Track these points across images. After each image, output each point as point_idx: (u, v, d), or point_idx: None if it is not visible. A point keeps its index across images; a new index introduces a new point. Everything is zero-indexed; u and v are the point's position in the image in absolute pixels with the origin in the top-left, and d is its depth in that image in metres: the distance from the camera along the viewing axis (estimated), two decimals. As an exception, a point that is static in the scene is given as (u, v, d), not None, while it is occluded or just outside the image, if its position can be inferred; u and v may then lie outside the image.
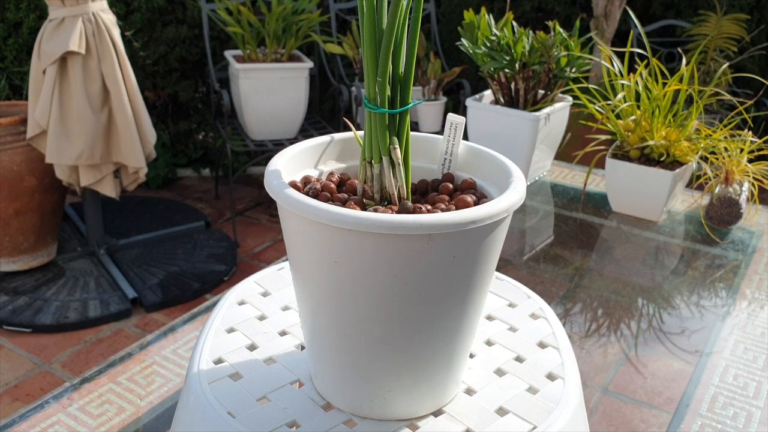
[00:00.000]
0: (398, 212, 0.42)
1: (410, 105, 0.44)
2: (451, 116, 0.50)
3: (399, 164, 0.44)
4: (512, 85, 1.17)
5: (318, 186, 0.45)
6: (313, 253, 0.41)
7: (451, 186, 0.48)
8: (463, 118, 0.50)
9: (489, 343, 0.54)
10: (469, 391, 0.49)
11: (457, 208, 0.43)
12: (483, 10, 1.17)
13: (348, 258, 0.39)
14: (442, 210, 0.42)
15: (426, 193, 0.49)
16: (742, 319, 0.85)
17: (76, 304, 1.94)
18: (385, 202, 0.45)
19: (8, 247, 2.02)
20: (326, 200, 0.43)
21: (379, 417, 0.46)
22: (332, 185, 0.46)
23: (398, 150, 0.44)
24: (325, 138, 0.50)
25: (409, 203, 0.43)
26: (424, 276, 0.40)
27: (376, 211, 0.42)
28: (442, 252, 0.39)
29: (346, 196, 0.45)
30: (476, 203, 0.44)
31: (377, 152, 0.44)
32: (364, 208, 0.43)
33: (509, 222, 0.43)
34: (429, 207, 0.43)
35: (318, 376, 0.48)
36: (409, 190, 0.46)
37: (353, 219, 0.37)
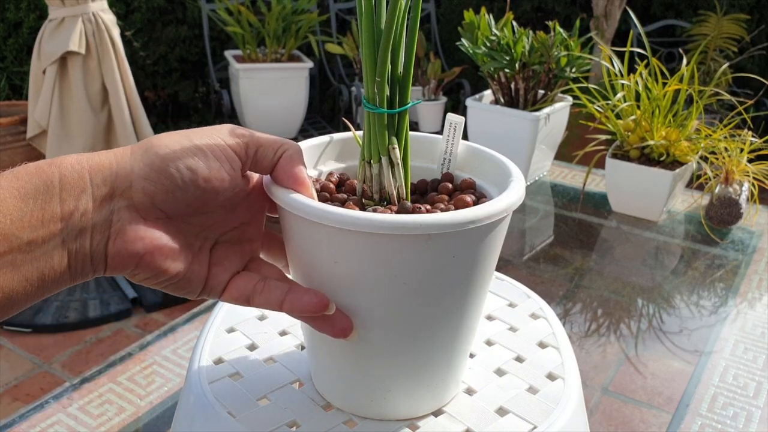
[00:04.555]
0: (397, 212, 0.42)
1: (409, 105, 0.44)
2: (450, 116, 0.49)
3: (398, 164, 0.44)
4: (512, 85, 1.17)
5: (317, 186, 0.45)
6: (312, 253, 0.41)
7: (450, 186, 0.48)
8: (463, 117, 0.49)
9: (489, 343, 0.54)
10: (469, 391, 0.49)
11: (456, 208, 0.42)
12: (483, 10, 1.17)
13: (347, 258, 0.39)
14: (441, 210, 0.42)
15: (425, 193, 0.49)
16: (742, 319, 0.85)
17: (76, 304, 1.94)
18: (384, 202, 0.44)
19: (8, 247, 2.02)
20: (325, 200, 0.43)
21: (379, 417, 0.46)
22: (331, 185, 0.45)
23: (397, 150, 0.44)
24: (324, 138, 0.50)
25: (408, 203, 0.43)
26: (424, 276, 0.39)
27: (375, 211, 0.41)
28: (442, 252, 0.39)
29: (345, 196, 0.45)
30: (475, 203, 0.44)
31: (376, 152, 0.44)
32: (363, 208, 0.43)
33: (509, 222, 0.43)
34: (428, 207, 0.43)
35: (318, 375, 0.48)
36: (408, 190, 0.45)
37: (352, 219, 0.37)
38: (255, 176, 0.43)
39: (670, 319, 0.86)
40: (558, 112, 1.19)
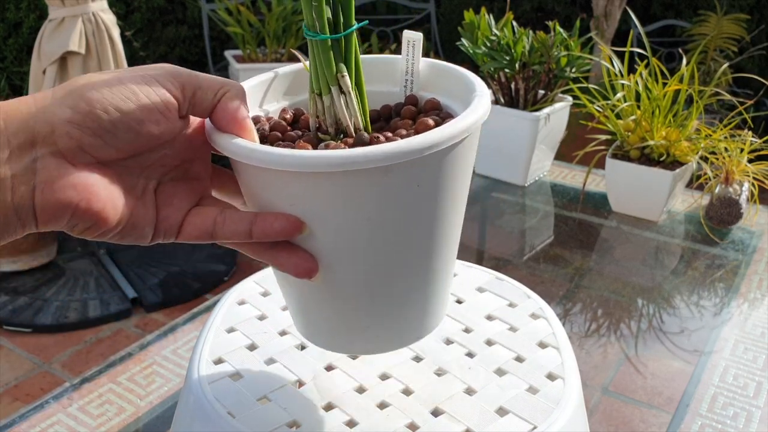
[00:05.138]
0: (353, 145, 0.39)
1: (354, 27, 0.40)
2: (406, 33, 0.45)
3: (349, 93, 0.40)
4: (512, 85, 1.17)
5: (266, 127, 0.42)
6: (265, 197, 0.38)
7: (413, 109, 0.44)
8: (420, 33, 0.45)
9: (489, 343, 0.54)
10: (469, 391, 0.49)
11: (417, 133, 0.39)
12: (483, 10, 1.17)
13: (303, 200, 0.36)
14: (403, 137, 0.40)
15: (391, 119, 0.46)
16: (742, 319, 0.85)
17: (76, 304, 1.94)
18: (341, 135, 0.41)
19: (8, 246, 2.02)
20: (276, 140, 0.41)
21: (362, 353, 0.46)
22: (283, 123, 0.42)
23: (347, 78, 0.40)
24: (269, 74, 0.46)
25: (365, 134, 0.39)
26: (388, 210, 0.37)
27: (327, 147, 0.38)
28: (404, 183, 0.36)
29: (299, 133, 0.42)
30: (440, 125, 0.40)
31: (325, 83, 0.40)
32: (318, 144, 0.40)
33: (476, 141, 0.41)
34: (389, 135, 0.40)
35: (296, 322, 0.46)
36: (368, 118, 0.42)
37: (298, 160, 0.34)
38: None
39: (670, 319, 0.86)
40: (558, 112, 1.19)
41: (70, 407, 0.68)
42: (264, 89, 0.45)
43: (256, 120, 0.43)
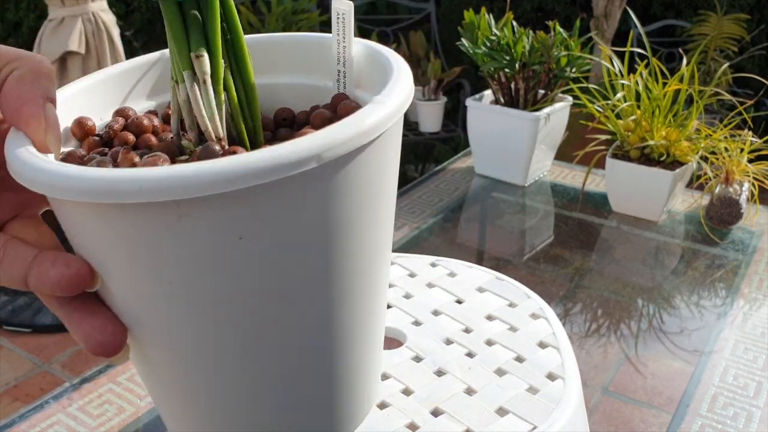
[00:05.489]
0: (198, 158, 0.26)
1: None
2: (335, 3, 0.32)
3: (205, 81, 0.28)
4: (512, 85, 1.17)
5: (116, 125, 0.31)
6: (68, 234, 0.27)
7: (326, 114, 0.31)
8: (351, 2, 0.32)
9: (489, 343, 0.54)
10: (469, 391, 0.49)
11: None
12: (483, 10, 1.17)
13: (85, 241, 0.26)
14: None
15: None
16: (742, 319, 0.85)
17: (76, 304, 1.94)
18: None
19: (8, 247, 2.02)
20: (122, 144, 0.30)
21: None
22: (146, 123, 0.31)
23: (205, 59, 0.28)
24: (152, 56, 0.34)
25: (214, 146, 0.27)
26: (196, 274, 0.24)
27: (147, 162, 0.26)
28: (213, 232, 0.23)
29: (168, 138, 0.31)
30: None
31: (177, 66, 0.29)
32: (174, 154, 0.29)
33: (378, 175, 0.26)
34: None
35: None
36: (258, 121, 0.31)
37: (49, 179, 0.23)
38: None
39: (670, 319, 0.86)
40: (558, 112, 1.19)
41: (70, 407, 0.68)
42: (136, 78, 0.34)
43: (121, 114, 0.32)
